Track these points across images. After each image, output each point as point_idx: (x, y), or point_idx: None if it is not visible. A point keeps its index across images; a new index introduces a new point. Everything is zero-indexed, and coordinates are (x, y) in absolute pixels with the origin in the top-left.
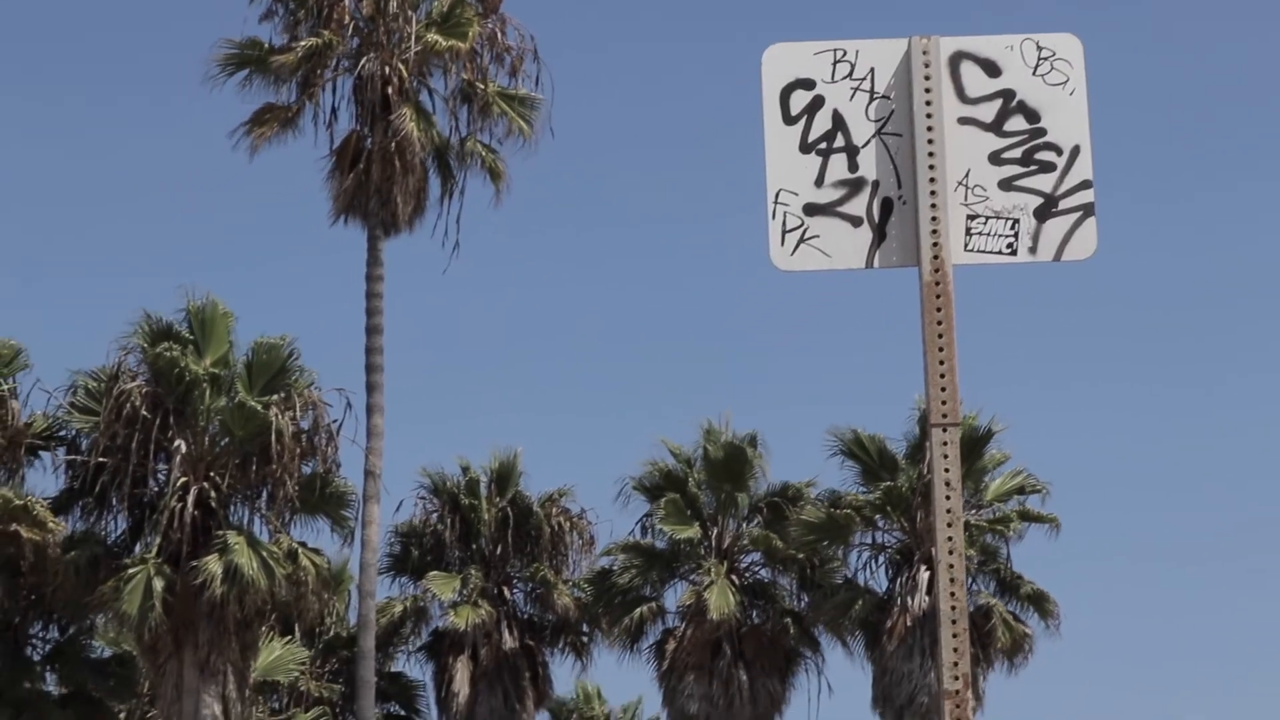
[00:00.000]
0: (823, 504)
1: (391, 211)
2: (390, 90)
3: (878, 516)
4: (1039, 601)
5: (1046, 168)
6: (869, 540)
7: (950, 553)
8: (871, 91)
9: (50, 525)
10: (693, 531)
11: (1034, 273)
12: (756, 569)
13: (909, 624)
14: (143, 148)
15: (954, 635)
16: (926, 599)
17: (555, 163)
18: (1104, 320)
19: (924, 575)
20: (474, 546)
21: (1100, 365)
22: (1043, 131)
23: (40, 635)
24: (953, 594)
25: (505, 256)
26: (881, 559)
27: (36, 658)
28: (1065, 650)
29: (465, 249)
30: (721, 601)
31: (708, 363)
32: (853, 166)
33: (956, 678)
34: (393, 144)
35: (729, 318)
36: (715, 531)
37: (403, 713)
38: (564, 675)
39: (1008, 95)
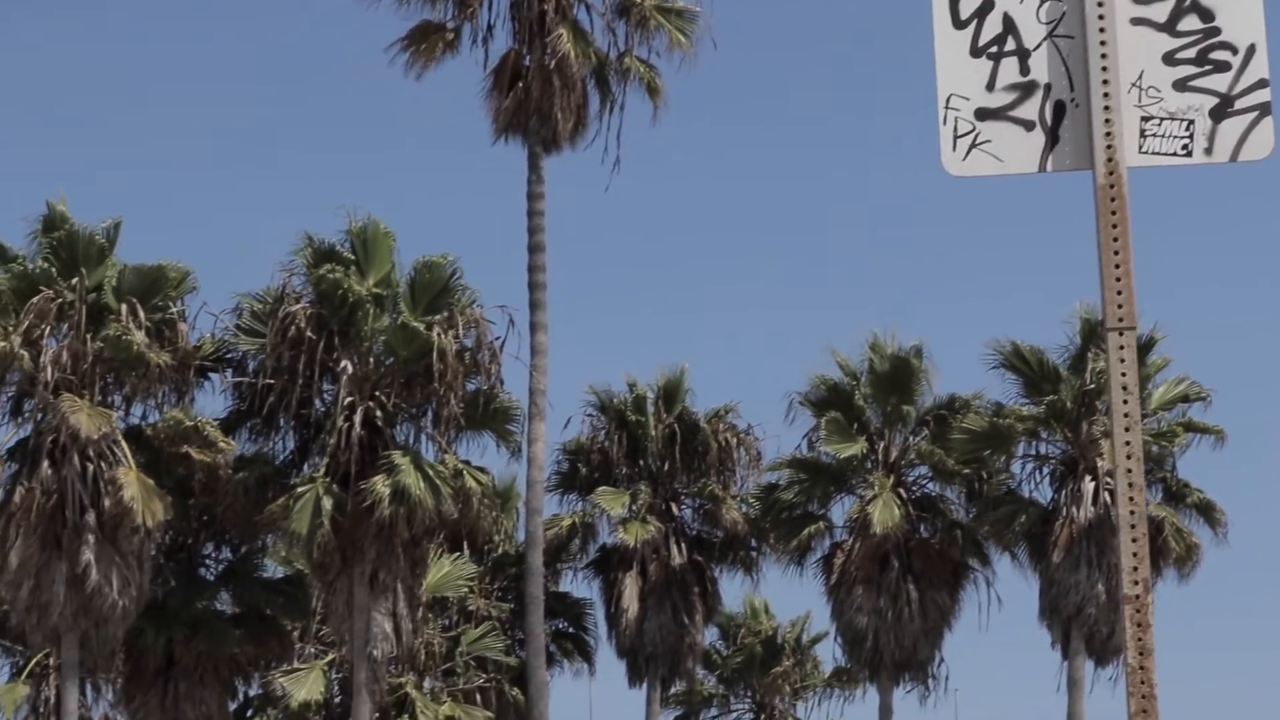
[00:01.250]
0: (985, 415)
1: (552, 129)
2: (547, 7)
3: (1040, 428)
4: (1207, 511)
5: (1221, 67)
6: (1032, 452)
7: (1128, 457)
8: None
9: (220, 446)
10: (858, 447)
11: (1191, 175)
12: (924, 482)
13: (1074, 535)
14: (302, 68)
15: (1133, 540)
16: (1092, 510)
17: (715, 70)
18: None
19: (1089, 486)
20: (641, 463)
21: (1265, 268)
22: (1217, 31)
23: (213, 556)
24: (1131, 499)
25: (667, 172)
26: (1045, 470)
27: (209, 578)
28: (1232, 558)
29: (626, 164)
30: (886, 515)
31: (873, 273)
32: (1024, 70)
33: (1136, 582)
34: (551, 62)
35: (895, 225)
36: (882, 445)
37: (571, 629)
38: (732, 590)
39: None
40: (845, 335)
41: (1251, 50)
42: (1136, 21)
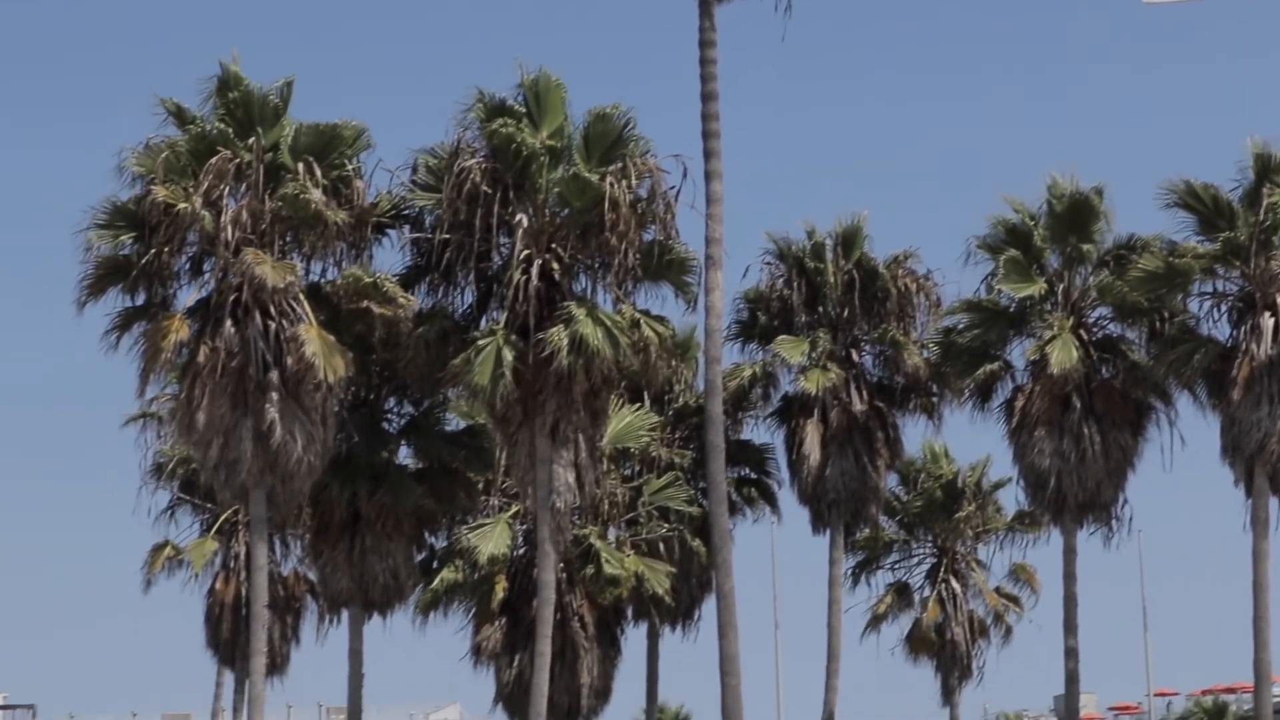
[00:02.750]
0: (1161, 255)
1: None
2: None
3: (1217, 265)
4: None
5: None
6: (1209, 290)
7: None
8: None
9: (400, 300)
10: (1036, 288)
11: None
12: (1104, 323)
13: (1254, 372)
14: None
15: None
16: (1271, 346)
17: None
18: None
19: (1268, 322)
20: (821, 310)
21: None
22: None
23: (395, 410)
24: None
25: (840, 17)
26: (1223, 308)
27: (392, 432)
28: None
29: (797, 11)
30: (1064, 355)
31: (1051, 112)
32: None
33: None
34: None
35: (1074, 62)
36: (1061, 286)
37: (754, 476)
38: (913, 436)
39: None
40: (1024, 182)
41: None
42: None
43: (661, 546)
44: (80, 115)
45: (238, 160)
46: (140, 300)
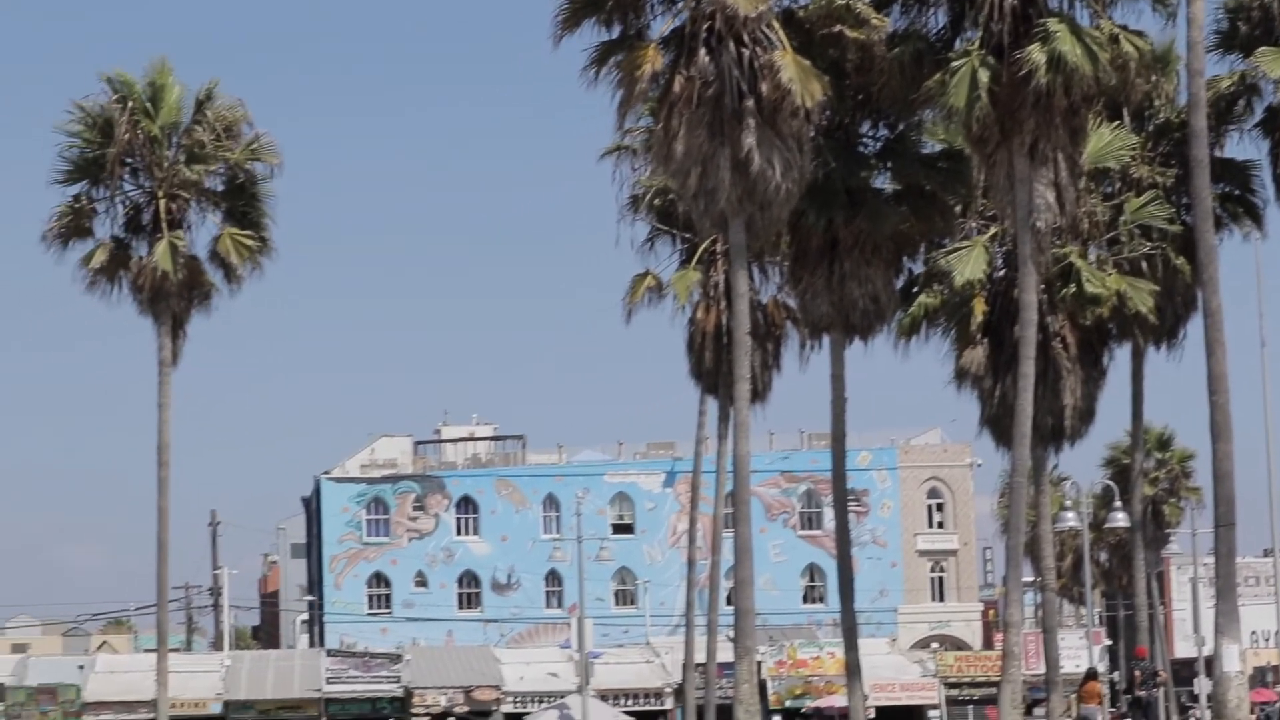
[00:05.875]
0: None
1: None
2: None
3: None
4: None
5: None
6: None
7: None
8: None
9: (874, 23)
10: None
11: None
12: None
13: None
14: None
15: None
16: None
17: None
18: None
19: None
20: None
21: None
22: None
23: (870, 134)
24: None
25: None
26: None
27: (868, 156)
28: None
29: None
30: None
31: None
32: None
33: None
34: None
35: None
36: None
37: (1236, 192)
38: None
39: None
40: None
41: None
42: None
43: (1144, 265)
44: None
45: None
46: (615, 33)
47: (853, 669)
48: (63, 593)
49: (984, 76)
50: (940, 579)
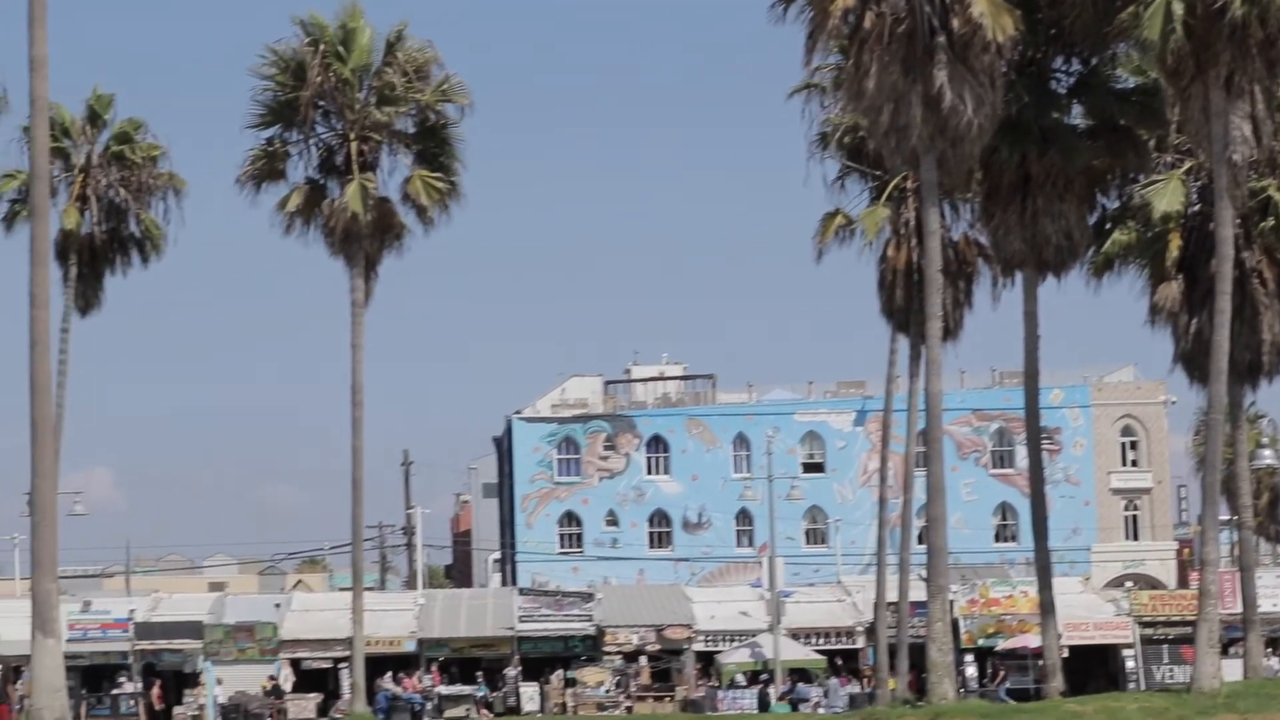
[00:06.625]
0: None
1: None
2: None
3: None
4: None
5: None
6: None
7: None
8: None
9: None
10: None
11: None
12: None
13: None
14: None
15: None
16: None
17: None
18: None
19: None
20: None
21: None
22: None
23: (1063, 69)
24: None
25: None
26: None
27: (1061, 92)
28: None
29: None
30: None
31: None
32: None
33: None
34: None
35: None
36: None
37: None
38: None
39: None
40: None
41: None
42: None
43: None
44: None
45: None
46: None
47: (1046, 608)
48: (259, 532)
49: (1178, 9)
50: (1134, 517)
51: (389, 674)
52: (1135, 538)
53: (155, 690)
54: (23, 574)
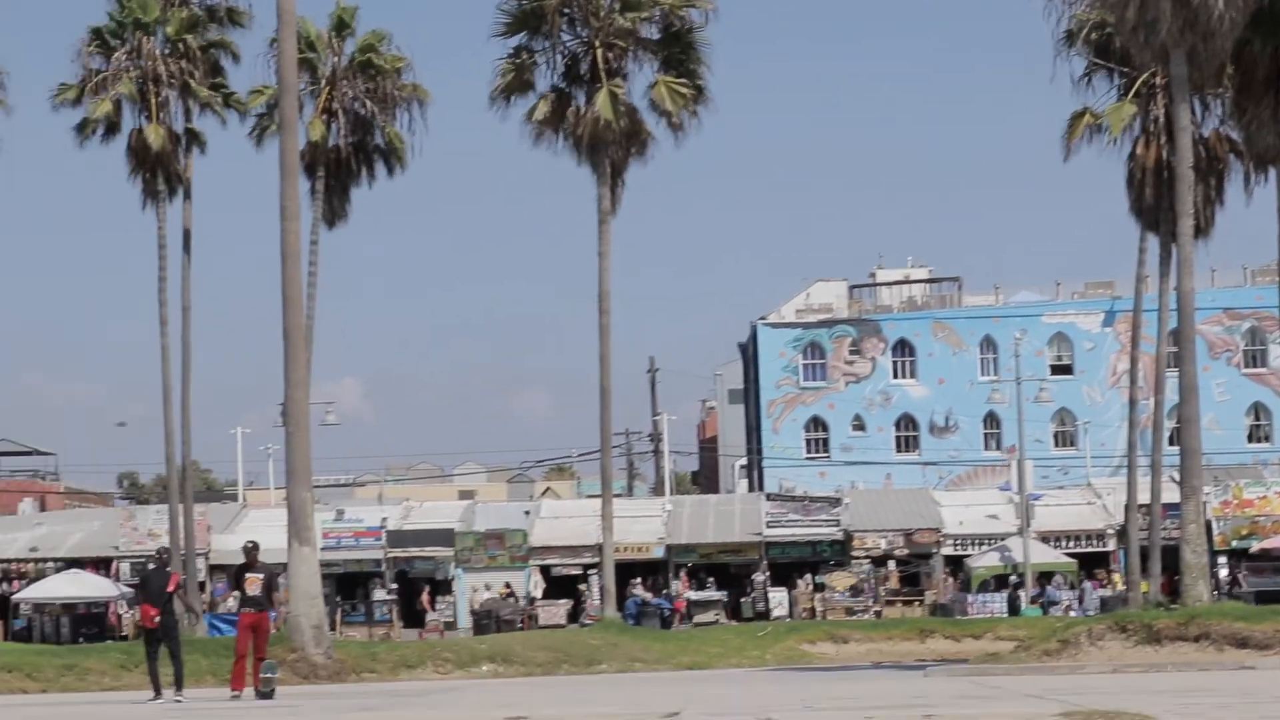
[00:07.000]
0: None
1: None
2: None
3: None
4: None
5: None
6: None
7: None
8: None
9: None
10: None
11: None
12: None
13: None
14: None
15: None
16: None
17: None
18: None
19: None
20: None
21: None
22: None
23: None
24: None
25: None
26: None
27: None
28: None
29: None
30: None
31: None
32: None
33: None
34: None
35: None
36: None
37: None
38: None
39: None
40: None
41: None
42: None
43: None
44: None
45: None
46: None
47: None
48: (508, 440)
49: None
50: None
51: (638, 580)
52: None
53: (424, 596)
54: (277, 484)
